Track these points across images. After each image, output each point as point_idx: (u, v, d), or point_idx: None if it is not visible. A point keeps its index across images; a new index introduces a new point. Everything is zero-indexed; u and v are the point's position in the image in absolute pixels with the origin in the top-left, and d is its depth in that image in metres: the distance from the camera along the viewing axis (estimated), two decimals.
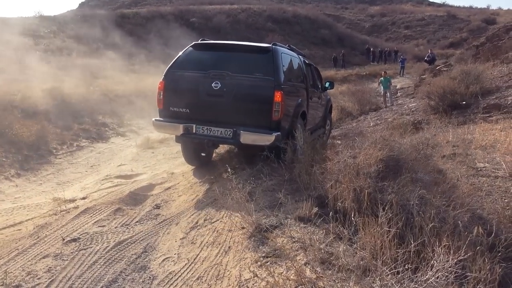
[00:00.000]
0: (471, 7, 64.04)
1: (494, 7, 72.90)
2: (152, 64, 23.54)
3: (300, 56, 6.30)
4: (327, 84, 7.50)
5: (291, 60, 5.53)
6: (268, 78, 4.65)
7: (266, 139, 4.50)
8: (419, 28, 52.63)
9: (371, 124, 10.24)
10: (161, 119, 5.05)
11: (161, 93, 4.98)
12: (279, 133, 4.53)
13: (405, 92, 20.25)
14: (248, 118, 4.67)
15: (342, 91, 18.86)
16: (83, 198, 4.69)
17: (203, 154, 5.91)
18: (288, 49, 5.76)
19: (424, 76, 21.16)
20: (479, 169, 4.63)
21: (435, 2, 69.62)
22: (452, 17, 53.76)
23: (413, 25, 53.58)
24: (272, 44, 5.08)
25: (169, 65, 5.14)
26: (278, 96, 4.50)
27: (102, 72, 17.49)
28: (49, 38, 21.30)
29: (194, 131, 4.81)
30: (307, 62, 6.64)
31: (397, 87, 21.80)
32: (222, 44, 5.53)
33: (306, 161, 4.20)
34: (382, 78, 15.74)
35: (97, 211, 4.14)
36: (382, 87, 15.55)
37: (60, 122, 8.80)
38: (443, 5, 67.66)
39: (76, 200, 4.63)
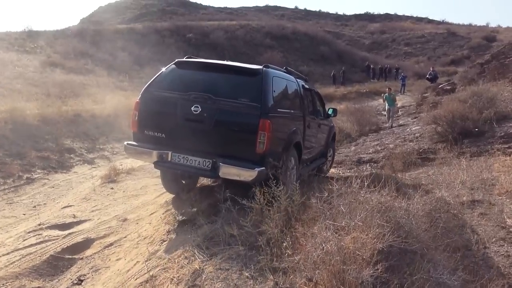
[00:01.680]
0: (470, 25, 63.39)
1: (493, 24, 72.56)
2: (143, 80, 22.58)
3: (299, 80, 5.70)
4: (330, 111, 6.91)
5: (285, 84, 4.94)
6: (253, 105, 4.09)
7: (247, 174, 3.89)
8: (419, 45, 52.10)
9: (370, 151, 9.11)
10: (134, 143, 4.45)
11: (136, 114, 4.44)
12: (263, 168, 3.90)
13: (406, 111, 19.23)
14: (229, 149, 4.13)
15: (340, 110, 17.75)
16: None
17: (183, 182, 5.23)
18: (284, 72, 5.19)
19: (426, 95, 20.19)
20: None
21: (434, 20, 69.49)
22: (452, 34, 53.24)
23: (413, 42, 53.10)
24: (264, 66, 4.51)
25: (147, 83, 4.60)
26: (264, 126, 3.95)
27: (85, 89, 16.47)
28: (34, 54, 20.39)
29: (169, 159, 4.24)
30: (306, 87, 6.00)
31: (397, 105, 20.80)
32: (207, 64, 4.90)
33: (281, 220, 3.06)
34: (386, 94, 14.72)
35: None
36: (386, 104, 14.53)
37: (15, 149, 7.69)
38: (442, 22, 67.44)
39: None
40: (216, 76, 4.62)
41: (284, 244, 2.62)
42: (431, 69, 23.13)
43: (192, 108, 4.17)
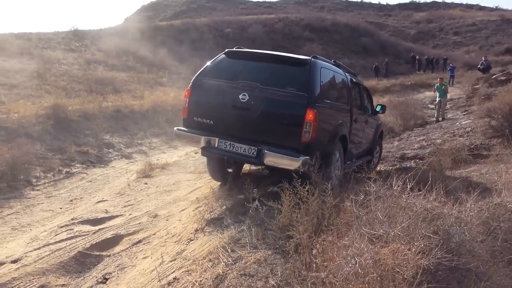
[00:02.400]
0: None
1: None
2: (182, 76, 22.91)
3: (347, 74, 5.62)
4: (378, 108, 6.86)
5: (333, 76, 4.94)
6: (300, 94, 4.12)
7: (291, 163, 3.95)
8: (469, 34, 49.00)
9: (415, 147, 8.53)
10: (183, 129, 4.62)
11: (187, 101, 4.61)
12: (307, 157, 3.92)
13: (455, 104, 18.09)
14: (275, 137, 4.18)
15: (383, 103, 17.04)
16: (14, 262, 3.54)
17: (229, 170, 5.28)
18: (333, 64, 5.17)
19: (478, 86, 18.86)
20: None
21: (486, 7, 65.14)
22: (507, 21, 49.64)
23: (463, 31, 50.03)
24: (312, 57, 4.51)
25: (198, 72, 4.76)
26: (310, 115, 3.99)
27: (126, 85, 16.91)
28: (79, 52, 21.19)
29: (216, 145, 4.37)
30: (354, 81, 5.92)
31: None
32: (257, 54, 4.98)
33: (310, 224, 2.79)
34: (438, 84, 13.87)
35: None
36: (437, 95, 13.69)
37: (56, 143, 7.92)
38: (495, 9, 63.06)
39: (5, 264, 3.49)
40: (264, 65, 4.66)
41: (314, 252, 2.37)
42: (483, 58, 21.58)
43: (240, 96, 4.24)
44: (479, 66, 21.41)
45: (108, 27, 31.28)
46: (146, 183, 6.32)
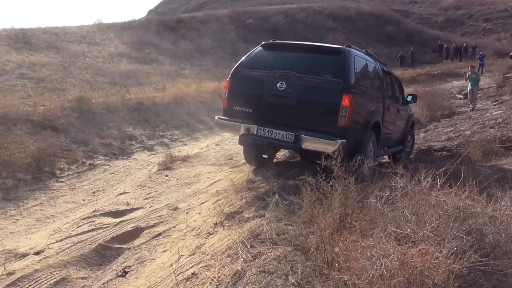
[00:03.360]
0: None
1: None
2: (204, 68, 22.95)
3: (379, 63, 5.82)
4: (409, 98, 6.92)
5: (366, 64, 5.12)
6: (336, 80, 4.30)
7: (329, 146, 4.10)
8: (500, 21, 46.80)
9: (442, 139, 8.21)
10: (224, 117, 4.92)
11: (226, 92, 4.90)
12: (344, 140, 4.12)
13: (485, 94, 17.35)
14: (312, 122, 4.40)
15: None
16: (37, 253, 3.59)
17: (264, 156, 5.67)
18: (365, 53, 5.33)
19: (509, 75, 18.06)
20: None
21: None
22: None
23: (494, 17, 47.83)
24: (346, 46, 4.73)
25: (237, 63, 5.02)
26: (346, 100, 4.15)
27: (148, 78, 17.05)
28: (103, 45, 21.48)
29: (255, 132, 4.62)
30: (386, 70, 6.11)
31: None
32: (292, 44, 5.31)
33: (333, 220, 2.67)
34: (469, 73, 13.33)
35: (32, 283, 2.98)
36: (469, 84, 13.17)
37: (80, 136, 8.04)
38: None
39: (28, 255, 3.55)
40: (300, 55, 4.88)
41: (336, 250, 2.26)
42: None
43: (278, 85, 4.44)
44: (511, 54, 20.39)
45: (131, 19, 31.51)
46: (167, 175, 6.33)
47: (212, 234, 3.65)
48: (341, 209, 2.60)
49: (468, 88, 13.35)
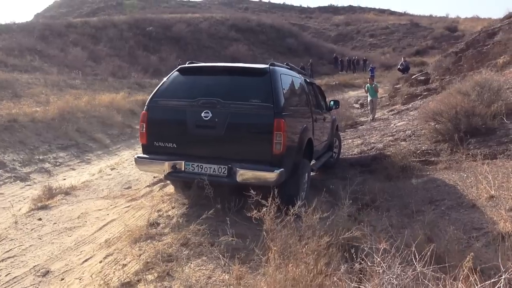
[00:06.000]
0: (431, 16, 64.36)
1: (452, 15, 74.64)
2: (99, 78, 20.68)
3: (301, 75, 5.62)
4: (331, 103, 6.99)
5: (292, 81, 4.86)
6: (266, 105, 4.01)
7: (267, 176, 3.83)
8: (383, 37, 52.30)
9: (355, 152, 8.06)
10: (144, 155, 4.37)
11: (144, 126, 4.37)
12: (282, 169, 3.85)
13: (378, 104, 18.55)
14: (245, 153, 4.05)
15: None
16: None
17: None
18: (288, 68, 5.07)
19: (399, 86, 19.62)
20: None
21: (396, 11, 70.29)
22: (415, 25, 53.87)
23: (378, 33, 53.28)
24: (270, 65, 4.43)
25: (153, 93, 4.54)
26: (279, 126, 3.89)
27: (30, 89, 14.55)
28: None
29: (183, 169, 4.16)
30: (308, 81, 5.99)
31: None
32: (212, 67, 4.94)
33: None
34: (368, 84, 13.86)
35: None
36: (369, 95, 13.69)
37: None
38: (404, 14, 68.25)
39: None
40: (222, 79, 4.52)
41: None
42: (402, 59, 22.62)
43: (202, 114, 4.08)
44: (399, 67, 22.37)
45: (11, 22, 27.34)
46: (40, 219, 4.86)
47: None
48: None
49: (368, 99, 13.92)
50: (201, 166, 4.09)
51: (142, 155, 4.40)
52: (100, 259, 3.47)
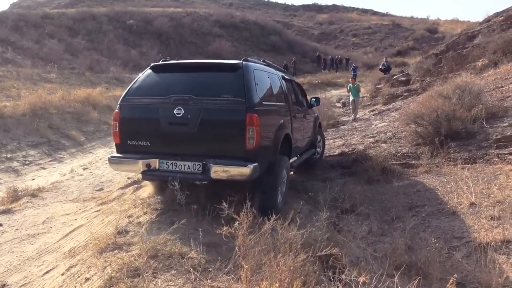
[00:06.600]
0: (412, 17, 65.25)
1: (433, 17, 76.00)
2: (75, 72, 20.02)
3: (279, 72, 5.62)
4: (312, 101, 6.87)
5: (267, 77, 4.85)
6: (238, 99, 3.99)
7: (241, 171, 3.82)
8: (366, 36, 52.75)
9: (336, 153, 7.96)
10: (118, 155, 4.32)
11: (117, 125, 4.32)
12: (256, 164, 3.84)
13: (360, 103, 18.64)
14: (219, 149, 4.04)
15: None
16: None
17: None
18: (264, 64, 5.13)
19: (380, 86, 19.72)
20: None
21: (379, 12, 71.02)
22: (397, 26, 54.54)
23: (361, 33, 53.68)
24: (243, 60, 4.44)
25: (125, 91, 4.48)
26: (251, 120, 3.87)
27: (0, 83, 13.92)
28: None
29: (157, 167, 4.11)
30: (287, 78, 5.96)
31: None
32: (184, 64, 5.00)
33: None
34: (350, 84, 13.81)
35: None
36: (351, 95, 13.65)
37: None
38: (386, 14, 69.05)
39: None
40: (195, 75, 4.49)
41: None
42: (384, 60, 22.75)
43: (175, 111, 4.03)
44: (380, 67, 22.50)
45: None
46: (0, 224, 4.54)
47: None
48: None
49: (350, 99, 13.88)
50: (176, 164, 4.06)
51: (115, 154, 4.33)
52: (62, 271, 3.21)
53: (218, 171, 3.82)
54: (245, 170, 3.76)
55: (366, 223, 4.01)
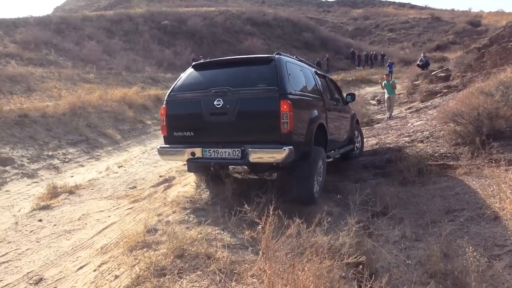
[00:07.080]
0: (453, 10, 62.43)
1: (475, 9, 72.46)
2: (113, 72, 20.70)
3: (312, 68, 5.88)
4: (348, 98, 7.04)
5: (300, 70, 5.14)
6: (272, 88, 4.27)
7: (276, 154, 4.09)
8: (403, 31, 51.01)
9: (370, 152, 7.73)
10: (166, 146, 4.78)
11: (164, 119, 4.78)
12: (291, 147, 4.07)
13: (397, 101, 18.06)
14: (256, 134, 4.33)
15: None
16: None
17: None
18: (296, 60, 5.37)
19: (418, 82, 19.03)
20: None
21: (417, 5, 68.54)
22: (436, 19, 52.38)
23: (397, 28, 51.98)
24: (276, 54, 4.77)
25: (170, 88, 4.96)
26: (285, 106, 4.13)
27: (43, 83, 14.63)
28: None
29: (201, 155, 4.50)
30: (320, 73, 6.23)
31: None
32: (222, 60, 5.36)
33: None
34: (385, 81, 13.42)
35: None
36: (386, 92, 13.26)
37: None
38: (425, 7, 66.51)
39: None
40: (232, 70, 4.84)
41: None
42: (422, 55, 21.85)
43: (215, 103, 4.36)
44: (418, 63, 21.67)
45: (28, 16, 27.62)
46: (40, 220, 4.75)
47: None
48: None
49: (386, 96, 13.47)
50: (217, 151, 4.38)
51: (164, 145, 4.76)
52: (94, 267, 3.31)
53: (256, 155, 4.11)
54: (281, 153, 3.99)
55: (399, 227, 3.84)
